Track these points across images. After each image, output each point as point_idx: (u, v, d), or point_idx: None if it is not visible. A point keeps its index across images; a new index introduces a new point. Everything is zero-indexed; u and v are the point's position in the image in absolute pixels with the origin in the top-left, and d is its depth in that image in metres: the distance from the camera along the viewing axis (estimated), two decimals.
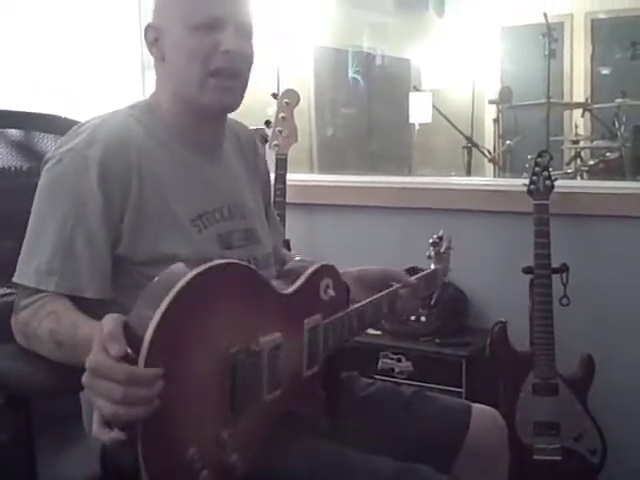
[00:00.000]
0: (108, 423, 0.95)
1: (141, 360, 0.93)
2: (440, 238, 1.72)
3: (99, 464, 1.06)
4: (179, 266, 1.02)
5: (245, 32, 1.37)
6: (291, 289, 1.24)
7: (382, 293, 1.48)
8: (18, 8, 2.52)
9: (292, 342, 1.19)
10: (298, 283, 1.26)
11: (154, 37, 1.37)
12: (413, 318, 2.44)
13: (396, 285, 1.52)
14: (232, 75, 1.35)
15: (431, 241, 1.72)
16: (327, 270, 1.33)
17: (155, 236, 1.29)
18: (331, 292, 1.30)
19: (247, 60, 1.39)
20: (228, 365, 1.05)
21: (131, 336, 0.96)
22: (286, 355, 1.17)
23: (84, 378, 0.97)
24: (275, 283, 1.24)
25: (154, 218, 1.29)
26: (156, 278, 1.01)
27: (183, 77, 1.35)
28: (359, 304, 1.40)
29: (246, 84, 1.41)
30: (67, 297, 1.24)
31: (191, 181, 1.37)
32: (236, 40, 1.33)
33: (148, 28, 1.38)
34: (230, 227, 1.39)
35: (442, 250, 1.72)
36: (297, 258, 1.39)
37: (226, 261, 1.09)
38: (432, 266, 1.71)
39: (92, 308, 1.24)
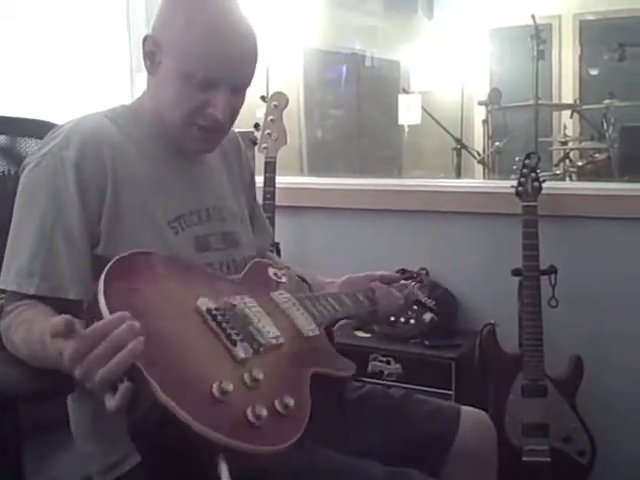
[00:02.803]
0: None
1: (103, 309, 0.95)
2: (419, 272, 1.78)
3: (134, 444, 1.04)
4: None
5: (241, 88, 1.35)
6: (239, 275, 1.27)
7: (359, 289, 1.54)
8: (4, 14, 2.51)
9: (265, 306, 1.19)
10: (243, 271, 1.29)
11: (151, 50, 1.34)
12: (403, 320, 2.44)
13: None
14: (217, 130, 1.36)
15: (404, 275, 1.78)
16: (267, 262, 1.37)
17: (132, 237, 1.29)
18: (283, 278, 1.32)
19: (236, 114, 1.38)
20: (204, 318, 1.06)
21: (93, 311, 0.98)
22: (270, 316, 1.17)
23: (76, 374, 0.96)
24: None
25: (130, 219, 1.29)
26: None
27: (168, 113, 1.34)
28: (328, 291, 1.44)
29: (230, 127, 1.41)
30: (50, 300, 1.23)
31: (169, 183, 1.37)
32: (228, 101, 1.31)
33: (147, 38, 1.34)
34: (208, 230, 1.39)
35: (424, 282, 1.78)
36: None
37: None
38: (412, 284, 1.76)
39: (74, 310, 1.23)
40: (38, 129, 1.57)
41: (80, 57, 2.73)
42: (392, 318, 1.97)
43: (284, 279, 1.32)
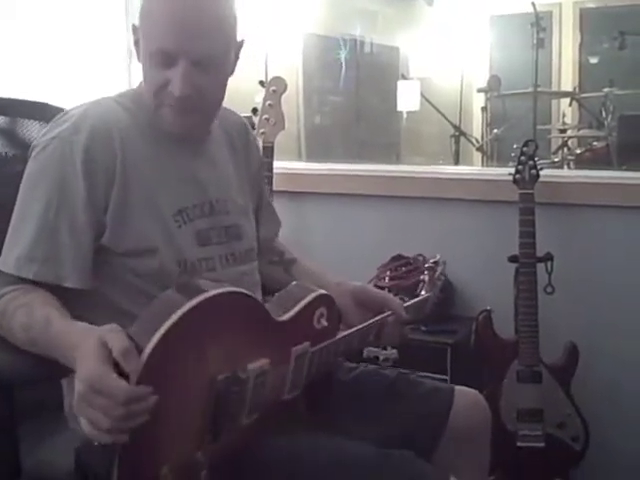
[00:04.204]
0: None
1: (133, 376, 0.96)
2: (436, 263, 1.71)
3: (74, 464, 1.08)
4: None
5: (204, 65, 1.28)
6: (286, 317, 1.24)
7: (371, 321, 1.45)
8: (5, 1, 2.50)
9: (278, 369, 1.21)
10: (294, 311, 1.26)
11: (137, 38, 1.35)
12: None
13: (387, 312, 1.49)
14: (185, 110, 1.31)
15: (427, 266, 1.70)
16: (324, 299, 1.32)
17: (138, 228, 1.28)
18: (324, 322, 1.30)
19: (207, 92, 1.32)
20: (214, 391, 1.08)
21: (140, 335, 1.01)
22: (270, 381, 1.19)
23: (79, 388, 0.98)
24: (270, 307, 1.24)
25: (137, 210, 1.29)
26: (156, 300, 1.07)
27: (147, 92, 1.34)
28: (348, 332, 1.39)
29: (210, 108, 1.38)
30: (47, 286, 1.23)
31: (174, 175, 1.36)
32: (187, 78, 1.27)
33: (133, 28, 1.36)
34: (210, 223, 1.38)
35: (436, 276, 1.71)
36: (294, 283, 1.37)
37: (227, 289, 1.11)
38: (423, 293, 1.69)
39: (72, 297, 1.24)
40: (38, 111, 1.57)
41: (79, 40, 2.73)
42: None
43: (324, 323, 1.30)
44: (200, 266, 1.33)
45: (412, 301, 1.60)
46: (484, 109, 5.05)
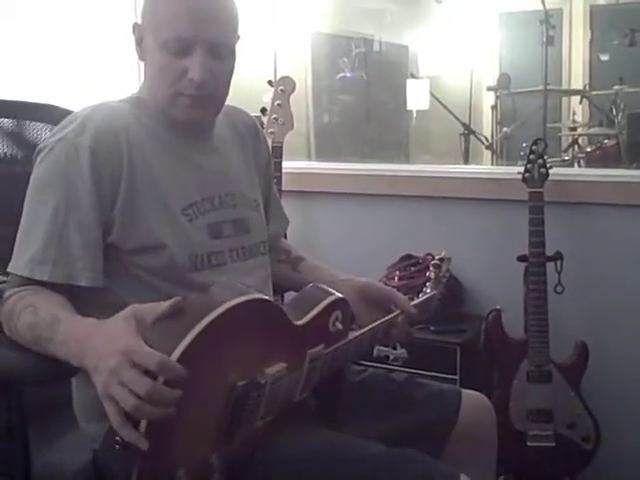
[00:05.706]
0: (129, 417, 0.98)
1: (175, 355, 0.97)
2: (442, 260, 1.70)
3: (91, 465, 1.09)
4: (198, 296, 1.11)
5: (219, 52, 1.32)
6: (303, 320, 1.25)
7: (381, 321, 1.45)
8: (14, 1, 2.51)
9: (293, 373, 1.21)
10: (311, 315, 1.26)
11: (139, 36, 1.37)
12: None
13: (396, 311, 1.48)
14: (202, 97, 1.34)
15: (433, 262, 1.70)
16: (339, 303, 1.32)
17: (146, 224, 1.29)
18: (339, 325, 1.30)
19: (220, 80, 1.36)
20: (233, 396, 1.09)
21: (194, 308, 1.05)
22: (285, 384, 1.19)
23: (111, 364, 0.99)
24: (287, 310, 1.24)
25: (145, 206, 1.30)
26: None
27: (156, 87, 1.36)
28: (359, 332, 1.38)
29: (222, 97, 1.40)
30: (56, 286, 1.24)
31: (181, 171, 1.37)
32: (205, 64, 1.30)
33: (135, 26, 1.38)
34: (220, 217, 1.39)
35: (441, 274, 1.70)
36: (310, 285, 1.36)
37: (254, 297, 1.12)
38: (428, 290, 1.69)
39: (80, 296, 1.25)
40: (45, 113, 1.59)
41: (88, 43, 2.73)
42: None
43: (339, 326, 1.30)
44: (210, 260, 1.34)
45: (419, 300, 1.60)
46: (494, 107, 5.03)
